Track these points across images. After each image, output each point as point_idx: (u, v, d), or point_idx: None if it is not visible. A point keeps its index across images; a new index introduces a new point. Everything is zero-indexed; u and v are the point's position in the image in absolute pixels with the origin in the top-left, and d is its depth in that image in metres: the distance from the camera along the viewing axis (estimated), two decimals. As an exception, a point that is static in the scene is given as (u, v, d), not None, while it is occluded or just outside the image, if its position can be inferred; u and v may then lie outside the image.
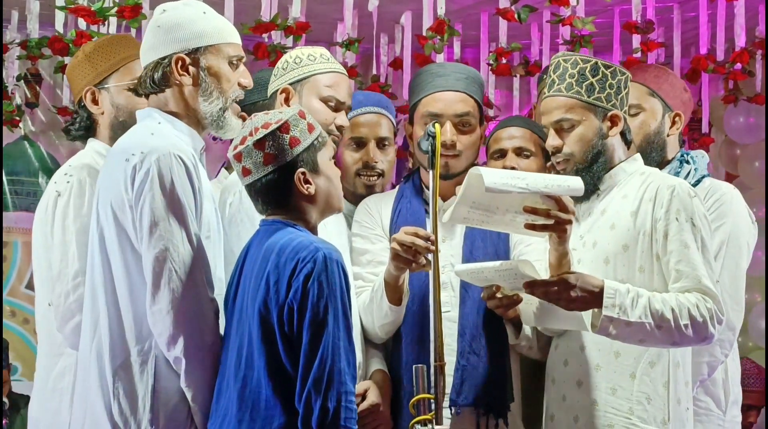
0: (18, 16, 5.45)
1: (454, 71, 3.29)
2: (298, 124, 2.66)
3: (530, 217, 2.85)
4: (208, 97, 2.84)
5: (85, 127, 3.26)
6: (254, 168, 2.64)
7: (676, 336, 2.88)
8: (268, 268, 2.56)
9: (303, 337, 2.50)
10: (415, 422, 2.72)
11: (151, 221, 2.66)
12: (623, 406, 2.98)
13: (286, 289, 2.52)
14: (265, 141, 2.63)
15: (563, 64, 3.08)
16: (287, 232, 2.62)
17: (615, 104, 3.07)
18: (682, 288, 2.91)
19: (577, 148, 3.06)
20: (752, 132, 6.39)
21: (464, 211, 2.88)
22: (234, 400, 2.57)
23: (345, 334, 2.52)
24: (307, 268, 2.51)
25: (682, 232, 2.93)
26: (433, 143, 2.92)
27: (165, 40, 2.82)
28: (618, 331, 2.86)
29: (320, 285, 2.50)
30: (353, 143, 3.43)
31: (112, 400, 2.68)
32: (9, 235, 5.93)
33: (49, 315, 3.07)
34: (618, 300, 2.85)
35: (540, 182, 2.83)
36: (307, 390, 2.48)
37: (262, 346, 2.54)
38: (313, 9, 5.20)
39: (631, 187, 3.07)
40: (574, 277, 2.85)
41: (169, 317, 2.64)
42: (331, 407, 2.46)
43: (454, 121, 3.20)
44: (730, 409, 3.46)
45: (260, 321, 2.55)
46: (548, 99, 3.09)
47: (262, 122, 2.65)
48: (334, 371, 2.48)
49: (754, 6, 5.43)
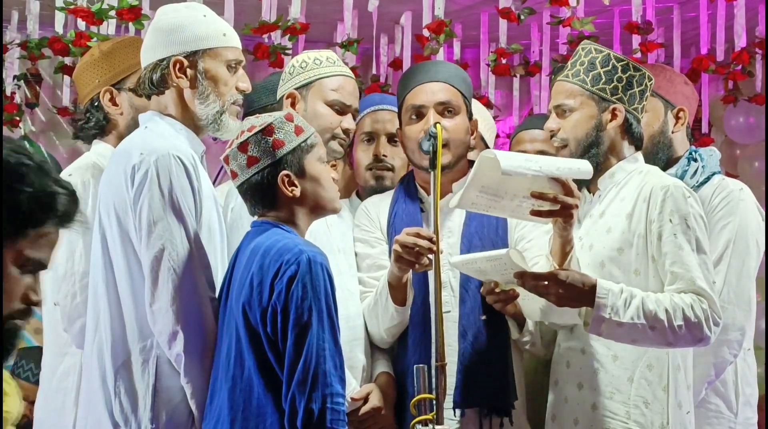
0: (18, 17, 5.45)
1: (437, 66, 3.33)
2: (283, 126, 2.67)
3: (536, 203, 2.86)
4: (205, 100, 2.84)
5: (100, 127, 3.27)
6: (239, 170, 2.66)
7: (670, 336, 2.85)
8: (253, 270, 2.57)
9: (287, 340, 2.50)
10: (416, 422, 2.72)
11: (150, 221, 2.68)
12: (621, 409, 2.96)
13: (269, 291, 2.53)
14: (247, 143, 2.65)
15: (580, 52, 3.09)
16: (274, 232, 2.63)
17: (622, 98, 3.05)
18: (677, 290, 2.89)
19: (571, 134, 3.05)
20: (752, 132, 6.39)
21: (473, 195, 2.87)
22: (225, 399, 2.57)
23: (330, 336, 2.52)
24: (291, 270, 2.51)
25: (676, 233, 2.90)
26: (434, 143, 2.91)
27: (164, 42, 2.83)
28: (610, 331, 2.85)
29: (304, 287, 2.50)
30: (366, 138, 3.44)
31: (113, 399, 2.70)
32: (9, 235, 5.92)
33: (54, 315, 3.08)
34: (610, 300, 2.83)
35: (552, 165, 2.85)
36: (291, 391, 2.48)
37: (249, 346, 2.55)
38: (313, 9, 5.20)
39: (628, 188, 3.04)
40: (564, 274, 2.83)
41: (169, 315, 2.64)
42: (315, 409, 2.46)
43: (438, 109, 3.19)
44: (742, 411, 3.39)
45: (245, 321, 2.56)
46: (556, 83, 3.12)
47: (248, 125, 2.68)
48: (319, 373, 2.48)
49: (754, 6, 5.43)
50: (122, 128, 3.23)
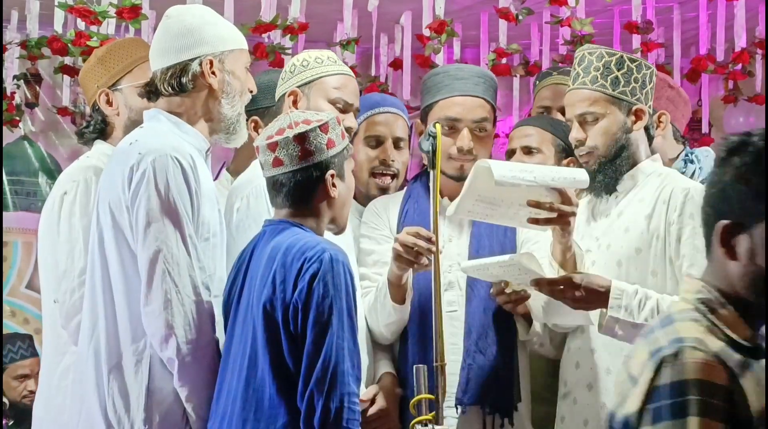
0: (18, 16, 5.45)
1: (472, 74, 3.28)
2: (335, 127, 2.68)
3: (533, 211, 2.86)
4: (232, 101, 2.85)
5: (99, 130, 3.28)
6: (288, 160, 2.63)
7: None
8: (275, 268, 2.56)
9: (307, 337, 2.50)
10: (416, 422, 2.72)
11: (146, 222, 2.67)
12: (632, 410, 2.97)
13: (292, 288, 2.52)
14: (306, 136, 2.63)
15: (588, 56, 3.06)
16: (293, 232, 2.62)
17: (639, 98, 3.06)
18: None
19: (600, 141, 3.04)
20: (752, 132, 6.38)
21: (469, 204, 2.89)
22: (238, 399, 2.57)
23: (350, 335, 2.52)
24: (313, 268, 2.51)
25: (695, 235, 2.89)
26: (434, 143, 2.92)
27: (189, 43, 2.81)
28: (624, 332, 2.86)
29: (325, 285, 2.50)
30: (371, 141, 3.42)
31: (106, 399, 2.69)
32: (9, 235, 5.92)
33: (54, 313, 3.08)
34: (625, 301, 2.84)
35: (547, 175, 2.85)
36: (309, 390, 2.47)
37: (266, 346, 2.54)
38: (312, 9, 5.20)
39: (648, 189, 3.05)
40: (579, 277, 2.85)
41: (162, 318, 2.64)
42: (333, 408, 2.46)
43: (471, 126, 3.20)
44: None
45: (265, 320, 2.55)
46: (572, 92, 3.08)
47: (302, 118, 2.66)
48: (338, 372, 2.47)
49: (754, 6, 5.43)
50: (119, 128, 3.23)
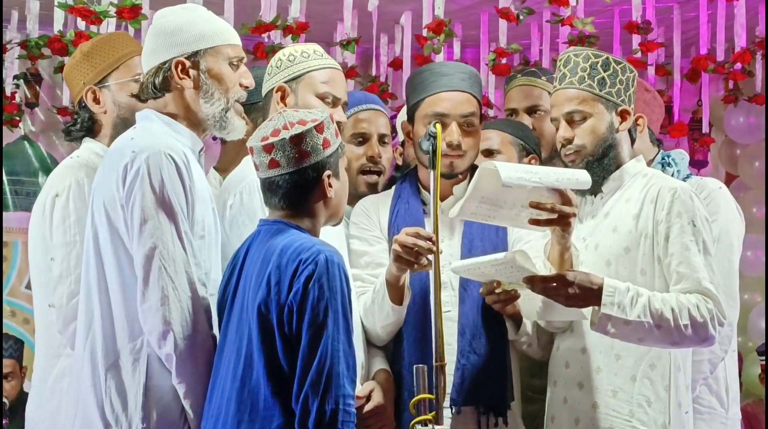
0: (18, 16, 5.45)
1: (457, 71, 3.28)
2: (329, 126, 2.68)
3: (534, 212, 2.89)
4: (209, 99, 2.85)
5: (86, 128, 3.26)
6: (285, 162, 2.63)
7: (676, 336, 2.88)
8: (270, 269, 2.55)
9: (302, 339, 2.50)
10: (416, 422, 2.72)
11: (141, 219, 2.67)
12: (624, 408, 2.98)
13: (287, 290, 2.52)
14: (303, 137, 2.63)
15: (574, 58, 3.11)
16: (289, 233, 2.62)
17: (624, 100, 3.10)
18: (682, 290, 2.92)
19: (588, 140, 3.07)
20: (752, 132, 6.40)
21: (473, 205, 2.91)
22: (232, 400, 2.56)
23: (345, 337, 2.52)
24: (309, 269, 2.51)
25: (684, 234, 2.95)
26: (434, 143, 2.92)
27: (165, 45, 2.83)
28: (616, 330, 2.87)
29: (321, 287, 2.50)
30: (357, 139, 3.42)
31: (104, 398, 2.69)
32: (9, 235, 5.92)
33: (47, 317, 3.06)
34: (617, 298, 2.86)
35: (551, 176, 2.89)
36: (304, 392, 2.47)
37: (261, 347, 2.54)
38: (312, 9, 5.20)
39: (633, 189, 3.08)
40: (572, 275, 2.87)
41: (159, 314, 2.64)
42: (328, 410, 2.46)
43: (459, 121, 3.20)
44: (731, 407, 3.47)
45: (260, 321, 2.55)
46: (560, 91, 3.11)
47: (297, 118, 2.66)
48: (333, 374, 2.47)
49: (754, 6, 5.44)
50: (108, 126, 3.22)
